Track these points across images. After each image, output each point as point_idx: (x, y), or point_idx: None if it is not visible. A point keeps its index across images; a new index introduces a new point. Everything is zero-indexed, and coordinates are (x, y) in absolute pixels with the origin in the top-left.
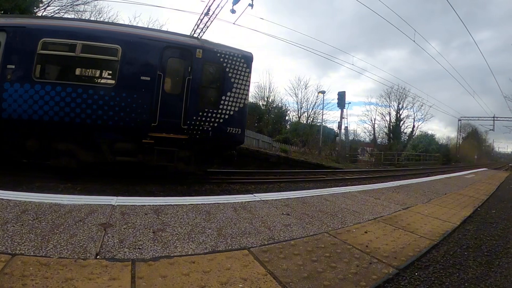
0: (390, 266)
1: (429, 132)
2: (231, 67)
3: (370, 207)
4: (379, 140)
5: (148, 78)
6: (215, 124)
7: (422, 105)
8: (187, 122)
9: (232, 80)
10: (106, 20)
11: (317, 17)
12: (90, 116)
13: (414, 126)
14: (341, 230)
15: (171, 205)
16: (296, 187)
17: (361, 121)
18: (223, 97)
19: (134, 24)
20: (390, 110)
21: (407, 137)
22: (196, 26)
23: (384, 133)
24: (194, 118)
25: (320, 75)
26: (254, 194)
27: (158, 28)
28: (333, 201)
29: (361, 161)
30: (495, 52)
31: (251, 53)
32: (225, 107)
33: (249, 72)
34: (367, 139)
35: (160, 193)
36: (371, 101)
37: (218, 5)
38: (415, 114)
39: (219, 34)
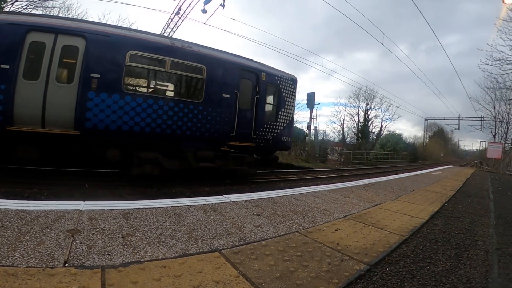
0: (361, 263)
1: (397, 131)
2: (284, 87)
3: (340, 205)
4: (348, 140)
5: (228, 96)
6: (274, 134)
7: (389, 106)
8: (256, 132)
9: (285, 98)
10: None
11: (289, 19)
12: (181, 128)
13: (382, 126)
14: (312, 229)
15: (140, 208)
16: (267, 187)
17: (330, 121)
18: (280, 112)
19: (104, 22)
20: (358, 110)
21: (375, 137)
22: (167, 26)
23: (353, 133)
24: (261, 129)
25: None
26: (224, 196)
27: (232, 53)
28: (304, 200)
29: (331, 160)
30: (461, 55)
31: (296, 76)
32: (280, 120)
33: (295, 92)
34: (336, 139)
35: (129, 197)
36: (340, 101)
37: (190, 5)
38: (383, 114)
39: (190, 34)
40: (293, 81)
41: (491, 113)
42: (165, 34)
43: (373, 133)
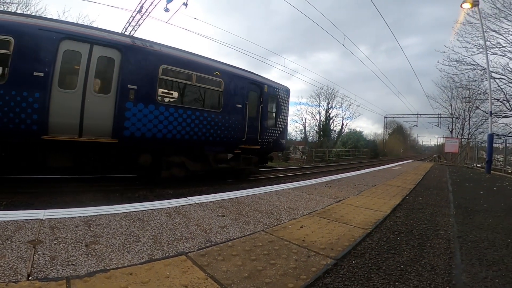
0: (328, 257)
1: (358, 129)
2: (281, 97)
3: (304, 202)
4: (310, 138)
5: (240, 106)
6: (274, 137)
7: (350, 105)
8: (261, 136)
9: (282, 106)
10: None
11: (253, 19)
12: (205, 134)
13: (343, 124)
14: (277, 227)
15: (102, 214)
16: (231, 188)
17: (292, 120)
18: (278, 119)
19: (63, 19)
20: (320, 109)
21: (336, 135)
22: (128, 24)
23: (314, 132)
24: (264, 133)
25: None
26: (188, 198)
27: (242, 68)
28: (268, 199)
29: (294, 159)
30: (420, 56)
31: (289, 88)
32: (279, 125)
33: (289, 101)
34: (299, 138)
35: (91, 203)
36: (301, 101)
37: (152, 3)
38: (344, 113)
39: (152, 34)
40: (287, 91)
41: (448, 110)
42: (126, 33)
43: (335, 131)
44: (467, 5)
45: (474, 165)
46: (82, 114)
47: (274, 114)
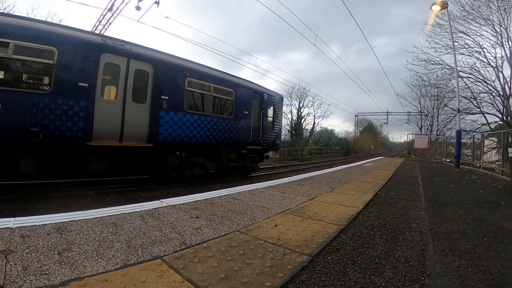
0: (303, 254)
1: (329, 127)
2: (277, 104)
3: (278, 201)
4: (282, 137)
5: (247, 112)
6: (272, 139)
7: (321, 103)
8: (262, 138)
9: (277, 112)
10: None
11: (225, 19)
12: (220, 138)
13: (314, 122)
14: (252, 227)
15: (74, 221)
16: (204, 189)
17: None
18: (275, 123)
19: (32, 16)
20: (292, 108)
21: (308, 133)
22: (98, 23)
23: (286, 130)
24: (265, 136)
25: None
26: (161, 200)
27: (246, 79)
28: (241, 199)
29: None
30: (390, 56)
31: (282, 95)
32: (275, 128)
33: (282, 106)
34: None
35: (62, 209)
36: None
37: (123, 1)
38: (315, 112)
39: (122, 33)
40: (281, 99)
41: (417, 108)
42: (96, 32)
43: (307, 130)
44: (436, 8)
45: (443, 160)
46: (123, 122)
47: (271, 119)
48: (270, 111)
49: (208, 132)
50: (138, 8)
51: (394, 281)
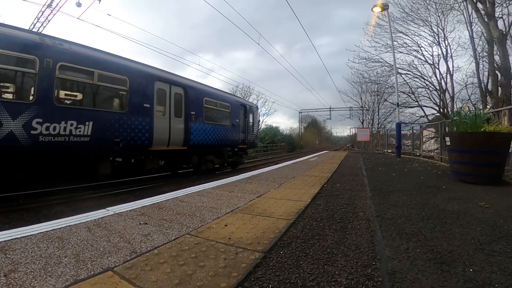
0: (256, 252)
1: (274, 124)
2: (254, 112)
3: (226, 200)
4: None
5: (238, 120)
6: (252, 139)
7: (266, 101)
8: (247, 139)
9: (255, 118)
10: None
11: (170, 17)
12: (223, 140)
13: (259, 120)
14: (202, 228)
15: (18, 238)
16: (152, 193)
17: None
18: (254, 126)
19: None
20: None
21: None
22: (37, 20)
23: None
24: (248, 137)
25: None
26: (107, 208)
27: (236, 95)
28: (189, 201)
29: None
30: (333, 55)
31: (257, 105)
32: (254, 131)
33: (258, 113)
34: None
35: (5, 226)
36: None
37: None
38: (259, 110)
39: (62, 31)
40: (257, 107)
41: (359, 103)
42: (35, 30)
43: None
44: (377, 9)
45: (385, 151)
46: (170, 131)
47: (252, 124)
48: (251, 118)
49: (216, 136)
50: (78, 4)
51: (347, 268)
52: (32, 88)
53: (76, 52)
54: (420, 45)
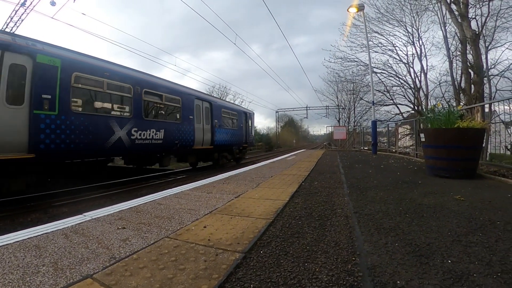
0: (236, 252)
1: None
2: (251, 117)
3: (205, 201)
4: None
5: (242, 125)
6: (252, 139)
7: (242, 101)
8: (247, 139)
9: (252, 122)
10: None
11: (145, 17)
12: (234, 141)
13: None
14: (181, 231)
15: None
16: (129, 196)
17: None
18: (252, 129)
19: None
20: None
21: None
22: (10, 19)
23: None
24: (249, 138)
25: None
26: (84, 214)
27: (239, 105)
28: (167, 204)
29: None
30: (309, 54)
31: (253, 111)
32: (252, 132)
33: (254, 118)
34: None
35: None
36: None
37: None
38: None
39: (35, 31)
40: (253, 113)
41: (335, 102)
42: (7, 30)
43: None
44: (353, 10)
45: (362, 148)
46: (203, 134)
47: (250, 127)
48: (250, 122)
49: (229, 137)
50: (53, 3)
51: (327, 265)
52: (128, 107)
53: (155, 83)
54: (395, 45)
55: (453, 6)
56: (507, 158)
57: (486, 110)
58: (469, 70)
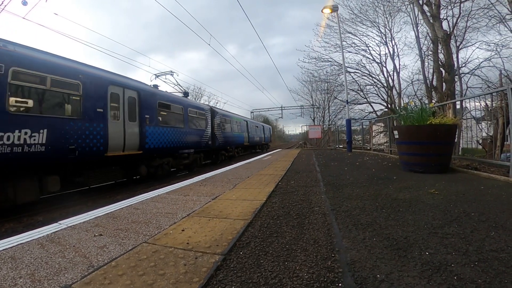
0: (215, 255)
1: None
2: (249, 123)
3: (182, 205)
4: None
5: (244, 130)
6: (250, 140)
7: (217, 102)
8: (249, 140)
9: (248, 127)
10: None
11: (119, 17)
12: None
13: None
14: (159, 236)
15: None
16: (105, 202)
17: None
18: (250, 132)
19: None
20: None
21: None
22: None
23: None
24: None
25: None
26: (59, 222)
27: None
28: (144, 208)
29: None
30: (284, 55)
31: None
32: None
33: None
34: None
35: None
36: None
37: None
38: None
39: (6, 31)
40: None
41: (309, 101)
42: None
43: None
44: (327, 10)
45: (337, 146)
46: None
47: (249, 130)
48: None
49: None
50: (24, 3)
51: (307, 262)
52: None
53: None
54: (368, 45)
55: (425, 7)
56: (478, 152)
57: (458, 107)
58: (441, 68)
